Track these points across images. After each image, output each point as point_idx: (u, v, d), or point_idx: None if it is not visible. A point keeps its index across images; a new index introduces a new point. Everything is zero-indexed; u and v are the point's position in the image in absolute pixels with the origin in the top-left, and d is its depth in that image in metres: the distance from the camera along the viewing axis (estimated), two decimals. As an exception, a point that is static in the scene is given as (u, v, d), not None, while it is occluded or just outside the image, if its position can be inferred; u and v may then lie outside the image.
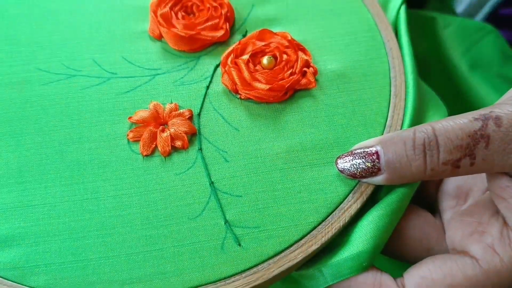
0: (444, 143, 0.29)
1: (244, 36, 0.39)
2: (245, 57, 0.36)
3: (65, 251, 0.29)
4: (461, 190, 0.33)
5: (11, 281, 0.28)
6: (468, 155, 0.29)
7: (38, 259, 0.29)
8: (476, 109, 0.47)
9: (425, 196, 0.35)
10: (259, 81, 0.35)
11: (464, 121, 0.29)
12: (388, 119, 0.35)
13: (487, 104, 0.46)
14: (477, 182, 0.33)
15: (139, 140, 0.33)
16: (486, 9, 0.52)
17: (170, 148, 0.33)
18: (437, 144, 0.29)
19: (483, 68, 0.49)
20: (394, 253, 0.33)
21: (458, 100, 0.47)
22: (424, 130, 0.29)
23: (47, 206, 0.31)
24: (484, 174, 0.32)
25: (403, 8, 0.40)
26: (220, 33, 0.38)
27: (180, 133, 0.33)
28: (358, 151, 0.31)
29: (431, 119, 0.36)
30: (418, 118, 0.35)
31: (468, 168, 0.29)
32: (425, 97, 0.37)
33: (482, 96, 0.46)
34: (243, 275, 0.29)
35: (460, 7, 0.58)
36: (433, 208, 0.35)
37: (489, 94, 0.46)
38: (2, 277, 0.29)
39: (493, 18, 0.53)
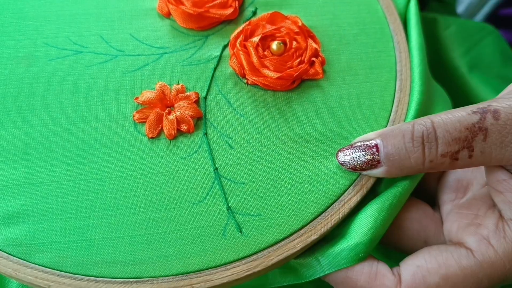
0: (442, 135, 0.29)
1: (254, 13, 0.39)
2: (255, 39, 0.36)
3: (69, 230, 0.30)
4: (460, 184, 0.34)
5: (17, 257, 0.29)
6: (466, 148, 0.29)
7: (43, 236, 0.30)
8: None
9: (425, 189, 0.36)
10: (268, 67, 0.35)
11: (462, 114, 0.29)
12: (392, 113, 0.35)
13: None
14: (476, 176, 0.34)
15: (145, 122, 0.34)
16: (486, 9, 0.52)
17: (176, 131, 0.33)
18: (436, 136, 0.29)
19: (483, 69, 0.49)
20: (392, 244, 0.34)
21: (458, 101, 0.47)
22: (423, 123, 0.30)
23: (52, 184, 0.31)
24: (483, 169, 0.33)
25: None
26: (229, 11, 0.38)
27: (186, 117, 0.34)
28: (358, 144, 0.32)
29: (436, 112, 0.36)
30: (424, 113, 0.36)
31: (466, 160, 0.30)
32: (432, 92, 0.38)
33: (482, 97, 0.47)
34: (243, 261, 0.30)
35: (460, 8, 0.58)
36: (433, 201, 0.36)
37: (489, 95, 0.47)
38: (8, 253, 0.29)
39: (493, 18, 0.53)
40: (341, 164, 0.32)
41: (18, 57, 0.35)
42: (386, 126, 0.35)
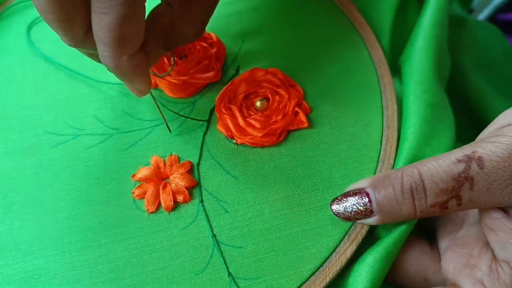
0: (430, 187, 0.30)
1: (237, 71, 0.40)
2: (240, 97, 0.37)
3: None
4: (457, 215, 0.34)
5: None
6: (454, 197, 0.30)
7: None
8: (477, 111, 0.46)
9: (424, 220, 0.36)
10: (254, 126, 0.36)
11: (448, 162, 0.30)
12: (381, 153, 0.36)
13: (489, 106, 0.46)
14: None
15: (144, 197, 0.35)
16: (485, 13, 0.51)
17: (173, 203, 0.35)
18: (424, 188, 0.30)
19: (486, 70, 0.48)
20: (392, 282, 0.34)
21: (461, 100, 0.46)
22: (411, 174, 0.30)
23: (67, 271, 0.34)
24: None
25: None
26: (211, 74, 0.39)
27: (181, 188, 0.35)
28: (351, 194, 0.32)
29: (437, 148, 0.36)
30: (419, 147, 0.35)
31: (456, 208, 0.30)
32: (432, 120, 0.36)
33: (485, 96, 0.46)
34: (248, 326, 0.31)
35: None
36: (433, 232, 0.36)
37: (492, 96, 0.46)
38: None
39: (491, 23, 0.51)
40: (335, 215, 0.33)
41: (23, 148, 0.38)
42: (376, 167, 0.35)
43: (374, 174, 0.35)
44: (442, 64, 0.40)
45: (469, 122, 0.48)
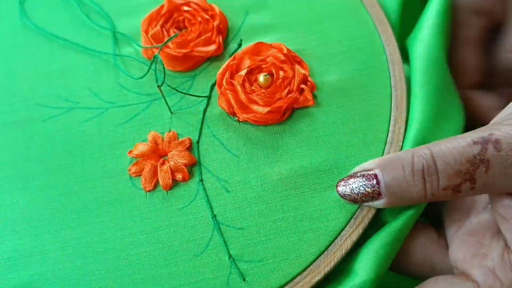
0: (443, 169, 0.28)
1: (239, 46, 0.38)
2: (241, 73, 0.35)
3: None
4: (465, 203, 0.33)
5: None
6: (468, 180, 0.28)
7: None
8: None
9: (431, 208, 0.35)
10: (257, 103, 0.35)
11: (463, 144, 0.28)
12: (389, 134, 0.34)
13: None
14: (480, 195, 0.33)
15: (141, 175, 0.34)
16: None
17: (171, 181, 0.33)
18: (436, 169, 0.29)
19: None
20: (398, 270, 0.33)
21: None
22: (422, 154, 0.29)
23: (58, 251, 0.32)
24: None
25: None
26: (213, 47, 0.37)
27: (180, 165, 0.34)
28: (358, 175, 0.31)
29: (447, 126, 0.34)
30: (427, 132, 0.34)
31: (469, 192, 0.29)
32: (446, 106, 0.35)
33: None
34: (250, 310, 0.30)
35: None
36: (439, 219, 0.35)
37: None
38: None
39: None
40: (341, 196, 0.32)
41: (14, 121, 0.36)
42: (383, 149, 0.34)
43: (382, 155, 0.34)
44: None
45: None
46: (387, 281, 0.33)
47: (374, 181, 0.30)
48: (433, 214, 0.35)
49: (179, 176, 0.34)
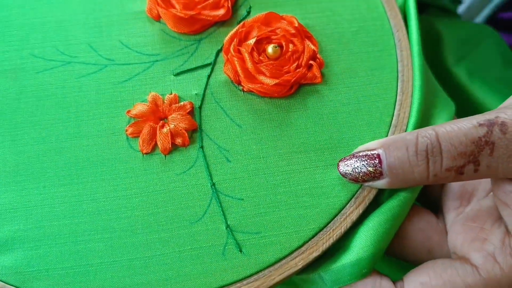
0: (447, 149, 0.28)
1: (248, 13, 0.37)
2: (251, 42, 0.34)
3: (66, 256, 0.29)
4: (465, 190, 0.33)
5: (13, 285, 0.29)
6: (472, 162, 0.28)
7: (39, 263, 0.29)
8: (476, 113, 0.46)
9: (429, 194, 0.35)
10: (264, 74, 0.34)
11: (468, 126, 0.28)
12: (394, 117, 0.34)
13: (487, 108, 0.45)
14: (481, 182, 0.33)
15: (138, 136, 0.32)
16: (485, 12, 0.50)
17: (170, 145, 0.32)
18: (440, 150, 0.28)
19: (483, 72, 0.47)
20: (395, 254, 0.33)
21: (458, 104, 0.46)
22: (427, 135, 0.29)
23: (46, 207, 0.30)
24: None
25: None
26: (221, 11, 0.36)
27: (181, 130, 0.32)
28: (360, 154, 0.31)
29: (438, 116, 0.35)
30: (424, 115, 0.34)
31: (472, 174, 0.29)
32: (432, 91, 0.36)
33: (483, 100, 0.45)
34: (244, 282, 0.29)
35: (461, 7, 0.56)
36: (437, 206, 0.35)
37: (490, 99, 0.45)
38: (4, 282, 0.29)
39: (492, 21, 0.51)
40: (342, 175, 0.31)
41: (4, 70, 0.34)
42: (387, 132, 0.34)
43: (386, 138, 0.34)
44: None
45: None
46: (382, 268, 0.33)
47: (377, 161, 0.30)
48: (431, 201, 0.35)
49: (178, 141, 0.32)
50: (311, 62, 0.35)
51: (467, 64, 0.47)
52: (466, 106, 0.46)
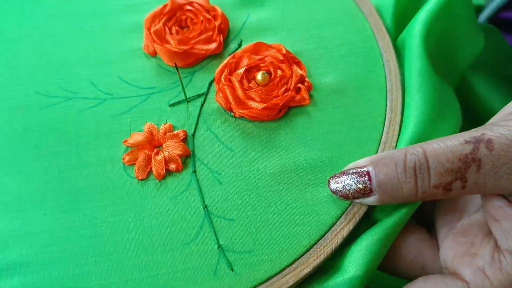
0: (434, 166, 0.29)
1: (239, 46, 0.39)
2: (240, 71, 0.36)
3: (66, 279, 0.30)
4: (457, 206, 0.33)
5: None
6: (459, 179, 0.28)
7: (41, 287, 0.30)
8: (477, 112, 0.46)
9: (423, 210, 0.35)
10: (253, 99, 0.35)
11: (455, 143, 0.29)
12: (383, 135, 0.35)
13: (489, 106, 0.45)
14: (473, 197, 0.33)
15: (135, 164, 0.34)
16: (486, 12, 0.50)
17: (164, 171, 0.33)
18: (428, 167, 0.29)
19: (485, 70, 0.47)
20: (388, 269, 0.33)
21: (460, 102, 0.46)
22: (415, 152, 0.29)
23: (47, 234, 0.32)
24: None
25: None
26: (213, 45, 0.38)
27: (174, 156, 0.34)
28: (350, 171, 0.31)
29: (443, 130, 0.35)
30: (427, 131, 0.34)
31: (459, 190, 0.29)
32: (442, 108, 0.35)
33: (484, 98, 0.45)
34: (236, 300, 0.30)
35: None
36: (431, 222, 0.35)
37: (492, 96, 0.45)
38: None
39: (493, 21, 0.51)
40: (333, 192, 0.32)
41: (11, 108, 0.36)
42: (377, 149, 0.34)
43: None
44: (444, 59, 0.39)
45: (468, 124, 0.47)
46: (376, 282, 0.33)
47: (366, 178, 0.30)
48: (425, 217, 0.35)
49: (172, 166, 0.34)
50: (299, 85, 0.36)
51: (476, 66, 0.48)
52: (468, 105, 0.46)
